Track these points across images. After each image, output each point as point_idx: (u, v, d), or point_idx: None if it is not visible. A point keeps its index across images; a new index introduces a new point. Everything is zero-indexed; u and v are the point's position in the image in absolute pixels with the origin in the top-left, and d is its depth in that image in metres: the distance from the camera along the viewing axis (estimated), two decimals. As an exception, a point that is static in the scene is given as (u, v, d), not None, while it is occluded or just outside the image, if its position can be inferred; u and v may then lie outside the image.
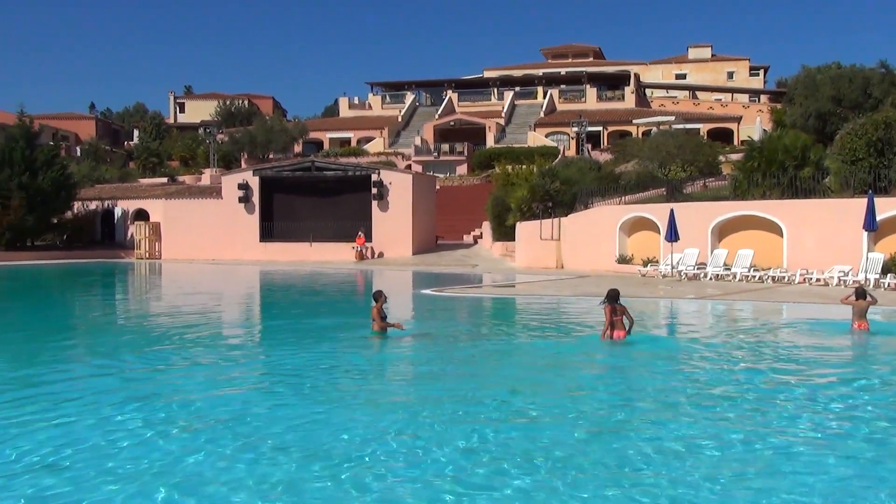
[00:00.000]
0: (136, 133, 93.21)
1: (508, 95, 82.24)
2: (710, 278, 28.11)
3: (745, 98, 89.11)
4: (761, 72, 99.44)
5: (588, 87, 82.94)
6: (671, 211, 28.71)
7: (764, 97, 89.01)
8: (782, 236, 27.80)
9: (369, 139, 78.02)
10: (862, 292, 15.83)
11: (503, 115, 78.63)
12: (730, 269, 27.97)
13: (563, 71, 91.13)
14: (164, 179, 63.46)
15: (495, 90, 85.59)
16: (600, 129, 73.79)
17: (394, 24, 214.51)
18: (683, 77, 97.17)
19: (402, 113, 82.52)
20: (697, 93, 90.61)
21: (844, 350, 15.12)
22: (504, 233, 40.53)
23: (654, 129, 59.54)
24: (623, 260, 32.54)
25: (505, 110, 79.45)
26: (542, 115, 78.15)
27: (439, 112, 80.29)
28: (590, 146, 66.80)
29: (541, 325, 19.11)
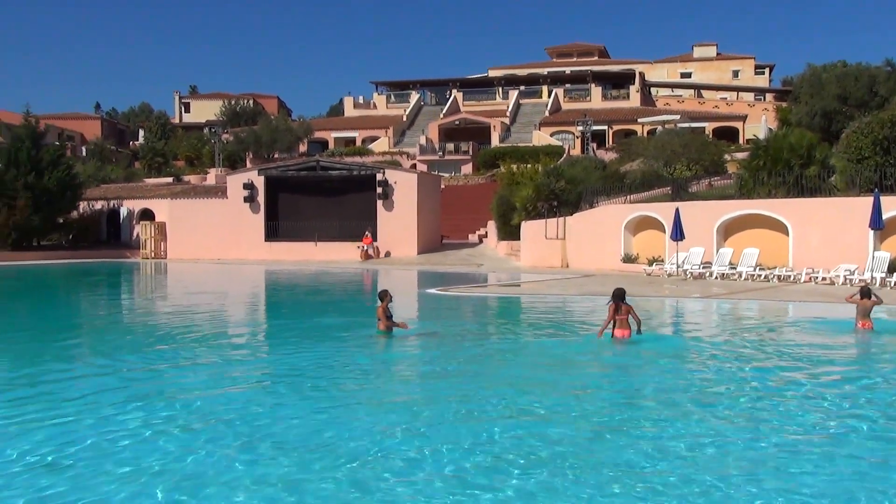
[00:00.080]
0: (141, 133, 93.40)
1: (513, 94, 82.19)
2: (716, 277, 28.06)
3: (750, 97, 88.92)
4: (767, 70, 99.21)
5: (593, 86, 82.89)
6: (676, 210, 28.68)
7: (769, 96, 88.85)
8: (788, 235, 27.75)
9: (374, 139, 78.06)
10: (867, 291, 15.78)
11: (508, 114, 78.60)
12: (735, 268, 27.92)
13: (568, 70, 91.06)
14: (170, 179, 63.57)
15: (500, 89, 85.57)
16: (605, 128, 73.73)
17: (399, 24, 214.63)
18: (688, 76, 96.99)
19: (407, 112, 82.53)
20: (703, 91, 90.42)
21: (849, 349, 15.09)
22: (509, 232, 40.50)
23: (660, 127, 59.47)
24: (628, 259, 32.51)
25: (510, 109, 79.42)
26: (546, 114, 78.12)
27: (444, 111, 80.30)
28: (595, 145, 66.74)
29: (546, 324, 19.09)
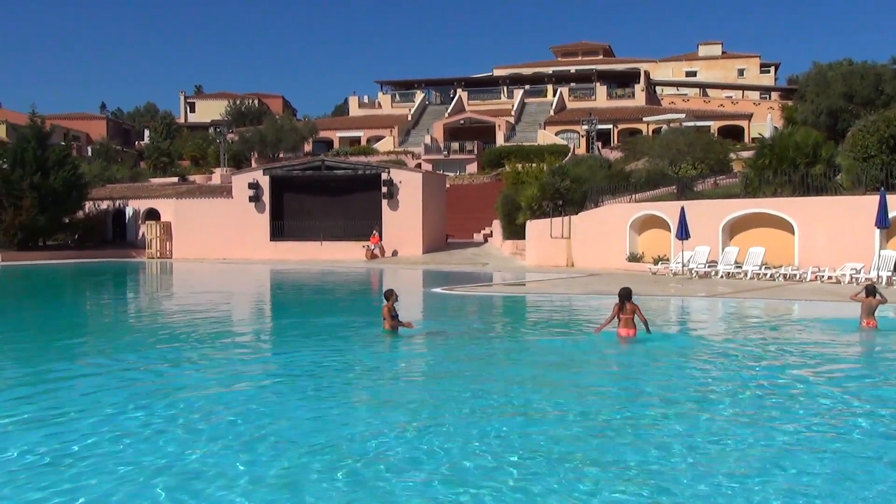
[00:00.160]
0: (146, 133, 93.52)
1: (518, 94, 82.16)
2: (721, 276, 28.02)
3: (755, 95, 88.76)
4: (772, 69, 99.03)
5: (598, 84, 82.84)
6: (682, 209, 28.64)
7: (775, 94, 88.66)
8: (794, 234, 27.68)
9: (379, 138, 78.08)
10: (873, 289, 15.75)
11: (513, 113, 78.57)
12: (741, 267, 27.87)
13: (573, 69, 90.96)
14: (175, 179, 63.66)
15: (505, 88, 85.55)
16: (610, 126, 73.66)
17: (403, 23, 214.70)
18: (694, 74, 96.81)
19: (412, 112, 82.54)
20: (708, 90, 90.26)
21: (854, 347, 15.08)
22: (514, 231, 40.49)
23: (665, 126, 59.37)
24: (634, 258, 32.47)
25: (515, 108, 79.37)
26: (551, 113, 78.06)
27: (449, 110, 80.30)
28: (600, 144, 66.70)
29: (551, 323, 19.09)
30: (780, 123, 62.08)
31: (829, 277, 25.81)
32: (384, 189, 43.74)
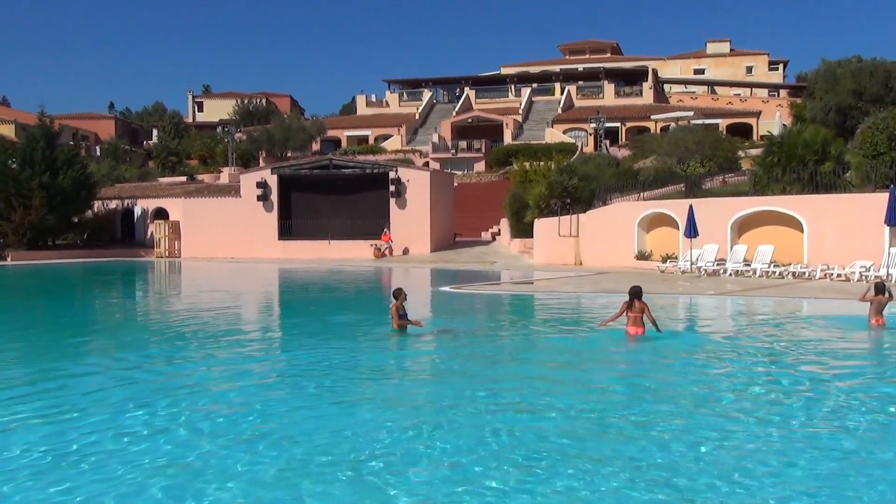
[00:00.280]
0: (154, 132, 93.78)
1: (526, 92, 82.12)
2: (730, 274, 27.96)
3: (764, 93, 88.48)
4: (780, 66, 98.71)
5: (606, 82, 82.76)
6: (690, 207, 28.58)
7: (783, 92, 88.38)
8: (803, 232, 27.60)
9: (387, 137, 78.14)
10: (882, 287, 15.68)
11: (521, 111, 78.53)
12: (750, 265, 27.80)
13: (581, 67, 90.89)
14: (183, 178, 63.83)
15: (512, 87, 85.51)
16: (618, 125, 73.58)
17: (411, 22, 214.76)
18: (702, 72, 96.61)
19: (420, 110, 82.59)
20: (716, 88, 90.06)
21: (863, 345, 15.03)
22: (522, 230, 40.46)
23: (673, 124, 59.27)
24: (642, 256, 32.42)
25: (522, 107, 79.34)
26: (559, 111, 78.02)
27: (457, 109, 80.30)
28: (608, 142, 66.62)
29: (560, 321, 19.07)
30: (788, 121, 61.94)
31: (839, 275, 25.72)
32: (392, 188, 43.76)
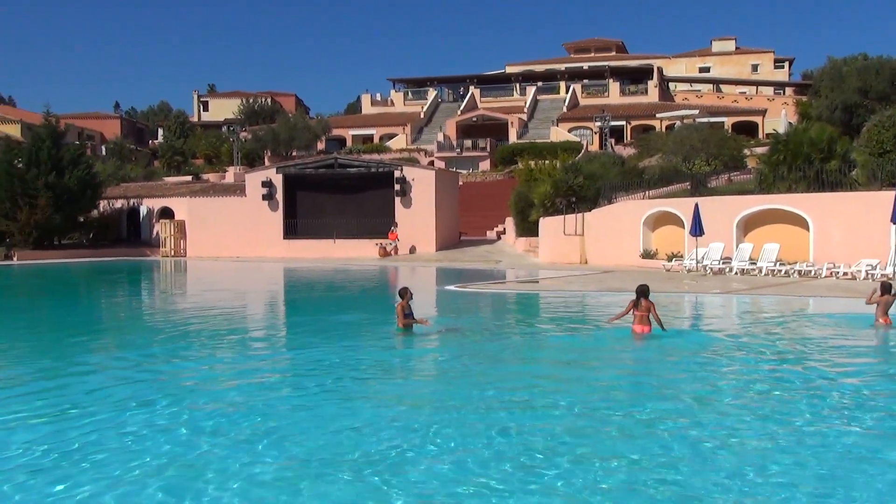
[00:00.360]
0: (160, 132, 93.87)
1: (531, 91, 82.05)
2: (736, 273, 27.92)
3: (769, 91, 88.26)
4: (786, 64, 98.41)
5: (611, 81, 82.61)
6: (696, 205, 28.54)
7: (789, 90, 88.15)
8: (808, 230, 27.55)
9: (392, 136, 78.14)
10: (888, 286, 15.65)
11: (525, 110, 78.46)
12: (755, 264, 27.76)
13: (586, 65, 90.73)
14: (189, 178, 63.87)
15: (517, 85, 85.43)
16: (623, 123, 73.49)
17: (416, 21, 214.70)
18: (707, 70, 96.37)
19: (425, 109, 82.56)
20: (721, 86, 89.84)
21: (870, 344, 15.00)
22: (527, 228, 40.46)
23: (678, 123, 59.21)
24: (647, 255, 32.39)
25: (527, 105, 79.26)
26: (564, 110, 77.92)
27: (461, 108, 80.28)
28: (613, 141, 66.55)
29: (565, 320, 19.06)
30: (794, 119, 61.77)
31: (845, 274, 25.66)
32: (397, 187, 43.78)
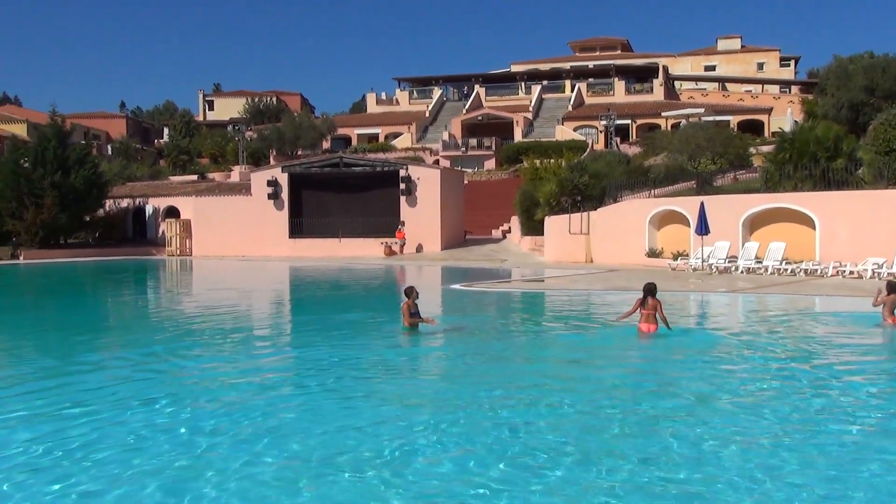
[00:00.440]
0: (165, 131, 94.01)
1: (536, 89, 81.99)
2: (742, 271, 27.86)
3: (775, 89, 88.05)
4: (792, 62, 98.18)
5: (616, 79, 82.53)
6: (701, 204, 28.47)
7: (795, 88, 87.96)
8: (815, 229, 27.48)
9: (397, 135, 78.15)
10: (894, 286, 15.59)
11: (531, 109, 78.41)
12: (761, 263, 27.70)
13: (591, 64, 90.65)
14: (194, 177, 63.97)
15: (523, 84, 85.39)
16: (629, 122, 73.41)
17: (421, 20, 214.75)
18: (713, 69, 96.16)
19: (430, 108, 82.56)
20: (727, 84, 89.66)
21: (877, 343, 14.97)
22: (533, 227, 40.42)
23: (684, 121, 59.09)
24: (653, 254, 32.34)
25: (532, 104, 79.21)
26: (569, 108, 77.88)
27: (467, 107, 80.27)
28: (618, 139, 66.46)
29: (571, 318, 19.04)
30: (800, 117, 61.67)
31: (851, 272, 25.59)
32: (402, 186, 43.79)
